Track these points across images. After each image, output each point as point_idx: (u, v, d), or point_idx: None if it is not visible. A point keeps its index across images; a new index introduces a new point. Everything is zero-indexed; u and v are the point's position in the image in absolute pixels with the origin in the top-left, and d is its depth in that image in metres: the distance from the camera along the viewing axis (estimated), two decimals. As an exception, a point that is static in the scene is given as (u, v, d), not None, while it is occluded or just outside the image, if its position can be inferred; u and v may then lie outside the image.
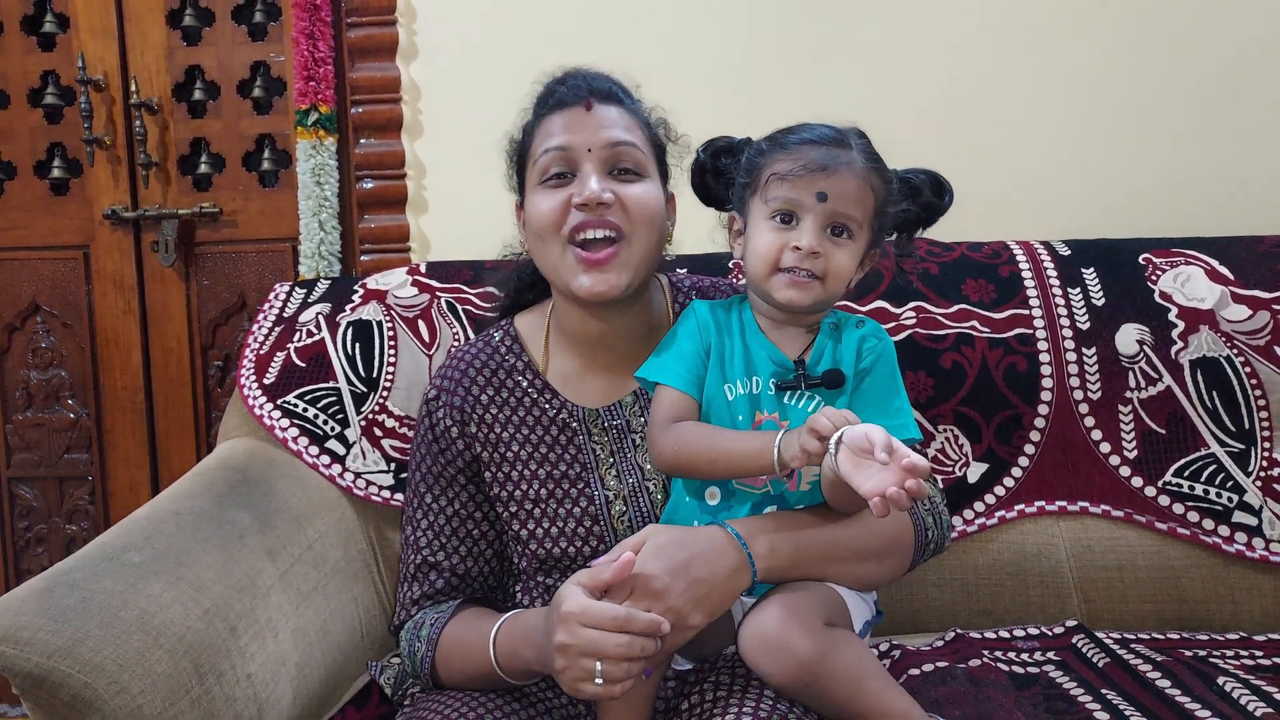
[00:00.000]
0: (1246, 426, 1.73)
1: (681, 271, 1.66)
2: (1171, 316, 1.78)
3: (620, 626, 1.10)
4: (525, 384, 1.45)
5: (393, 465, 1.78)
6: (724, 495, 1.27)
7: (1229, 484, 1.71)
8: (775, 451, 1.16)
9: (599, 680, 1.10)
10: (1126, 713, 1.37)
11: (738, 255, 1.31)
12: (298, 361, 1.84)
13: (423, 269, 1.98)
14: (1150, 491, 1.72)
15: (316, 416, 1.79)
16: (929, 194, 1.29)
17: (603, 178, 1.33)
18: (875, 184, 1.23)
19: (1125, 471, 1.74)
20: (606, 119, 1.35)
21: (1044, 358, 1.78)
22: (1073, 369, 1.77)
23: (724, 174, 1.33)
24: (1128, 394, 1.75)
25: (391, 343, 1.85)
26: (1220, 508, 1.71)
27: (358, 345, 1.84)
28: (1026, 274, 1.85)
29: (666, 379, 1.28)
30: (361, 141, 2.34)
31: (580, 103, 1.35)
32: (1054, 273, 1.85)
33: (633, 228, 1.33)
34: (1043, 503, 1.74)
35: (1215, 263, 1.84)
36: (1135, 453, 1.74)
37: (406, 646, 1.40)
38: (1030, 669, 1.53)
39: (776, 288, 1.22)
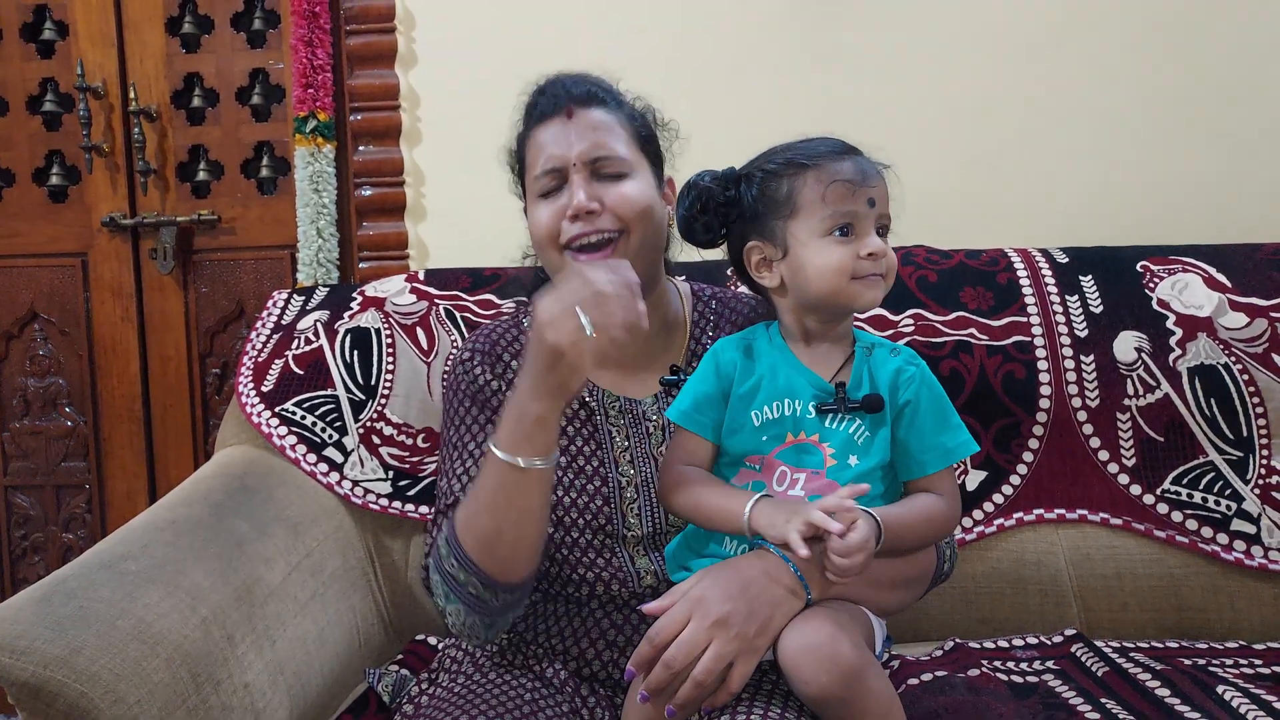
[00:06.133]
0: (1245, 434, 1.72)
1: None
2: (1169, 324, 1.77)
3: (610, 269, 1.14)
4: None
5: (390, 473, 1.78)
6: None
7: (1227, 492, 1.70)
8: (745, 519, 1.19)
9: (589, 332, 1.11)
10: (1126, 722, 1.36)
11: (772, 284, 1.28)
12: (296, 369, 1.84)
13: (421, 276, 1.97)
14: (1149, 499, 1.72)
15: (314, 424, 1.79)
16: None
17: (590, 184, 1.36)
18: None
19: (1124, 479, 1.73)
20: (588, 124, 1.39)
21: (1042, 365, 1.77)
22: (1071, 376, 1.76)
23: (723, 208, 1.31)
24: (1126, 402, 1.75)
25: (390, 350, 1.84)
26: (1219, 515, 1.70)
27: (356, 353, 1.84)
28: (1024, 281, 1.85)
29: (682, 422, 1.30)
30: (360, 149, 2.35)
31: (561, 112, 1.39)
32: (1052, 280, 1.85)
33: (628, 224, 1.36)
34: (1041, 511, 1.73)
35: (1213, 270, 1.83)
36: (1134, 460, 1.73)
37: (433, 559, 1.32)
38: (1029, 678, 1.52)
39: (857, 295, 1.23)
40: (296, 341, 1.88)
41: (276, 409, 1.80)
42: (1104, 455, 1.74)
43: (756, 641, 1.15)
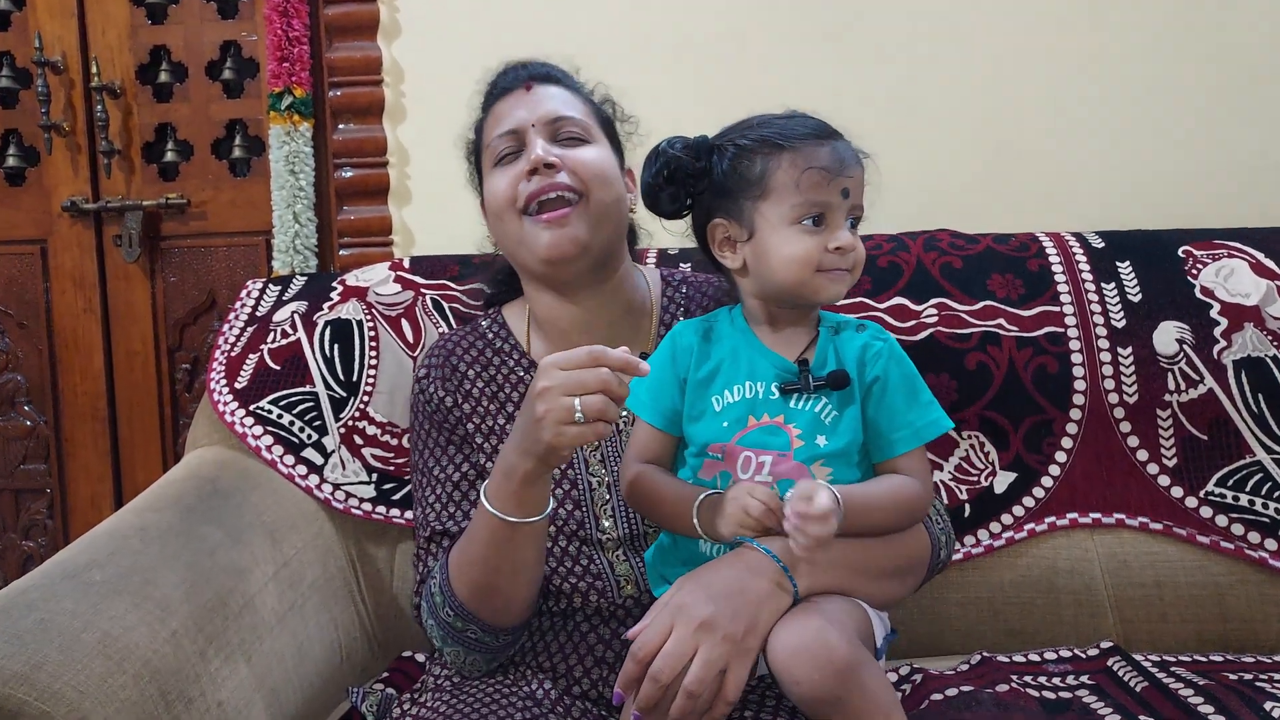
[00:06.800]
0: (1295, 432, 1.69)
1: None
2: (1214, 313, 1.73)
3: (595, 359, 1.12)
4: (512, 363, 1.50)
5: (374, 476, 1.74)
6: None
7: (1276, 494, 1.66)
8: (694, 517, 1.21)
9: (579, 416, 1.11)
10: (1166, 741, 1.32)
11: (734, 265, 1.29)
12: (271, 364, 1.80)
13: (406, 264, 1.94)
14: (1191, 502, 1.67)
15: (292, 423, 1.75)
16: None
17: (549, 145, 1.41)
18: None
19: (1164, 481, 1.68)
20: (546, 95, 1.46)
21: (1076, 358, 1.72)
22: (1107, 370, 1.72)
23: (691, 179, 1.29)
24: (1166, 397, 1.70)
25: (373, 344, 1.81)
26: (1267, 519, 1.65)
27: (336, 346, 1.80)
28: (1057, 268, 1.80)
29: (638, 410, 1.31)
30: (340, 127, 2.33)
31: (520, 86, 1.47)
32: (1087, 266, 1.80)
33: (587, 187, 1.39)
34: (1075, 515, 1.69)
35: (1260, 255, 1.78)
36: (1175, 460, 1.69)
37: (425, 604, 1.37)
38: (1062, 694, 1.48)
39: (820, 288, 1.24)
40: (272, 334, 1.84)
41: (251, 407, 1.77)
42: (1143, 455, 1.69)
43: (746, 642, 1.14)
